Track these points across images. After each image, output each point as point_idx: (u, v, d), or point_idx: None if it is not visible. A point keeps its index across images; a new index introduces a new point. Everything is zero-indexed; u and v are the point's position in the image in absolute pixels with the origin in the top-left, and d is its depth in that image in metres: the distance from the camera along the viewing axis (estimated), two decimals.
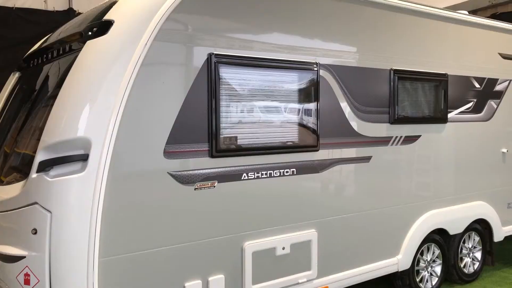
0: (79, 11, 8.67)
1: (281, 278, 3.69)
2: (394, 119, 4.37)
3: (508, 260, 6.09)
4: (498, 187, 5.55)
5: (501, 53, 5.50)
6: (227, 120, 3.35)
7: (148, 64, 2.99)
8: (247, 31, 3.46)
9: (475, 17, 5.42)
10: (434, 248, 4.90)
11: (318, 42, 3.85)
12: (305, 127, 3.80)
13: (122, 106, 2.89)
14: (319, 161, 3.91)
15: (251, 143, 3.49)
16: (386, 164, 4.39)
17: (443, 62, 4.84)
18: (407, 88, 4.49)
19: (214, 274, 3.36)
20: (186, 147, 3.16)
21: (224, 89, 3.32)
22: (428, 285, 4.87)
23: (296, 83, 3.72)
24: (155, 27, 2.99)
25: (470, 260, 5.36)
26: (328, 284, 3.96)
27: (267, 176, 3.60)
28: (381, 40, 4.30)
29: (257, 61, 3.47)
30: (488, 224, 5.42)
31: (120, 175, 2.92)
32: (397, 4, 4.40)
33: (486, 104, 5.33)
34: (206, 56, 3.23)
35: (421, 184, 4.74)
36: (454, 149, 5.02)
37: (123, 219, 2.96)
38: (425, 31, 4.68)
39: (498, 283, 5.32)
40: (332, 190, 4.04)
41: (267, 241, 3.60)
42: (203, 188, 3.25)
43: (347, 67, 4.04)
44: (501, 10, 9.84)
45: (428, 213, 4.74)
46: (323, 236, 3.94)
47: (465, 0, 9.99)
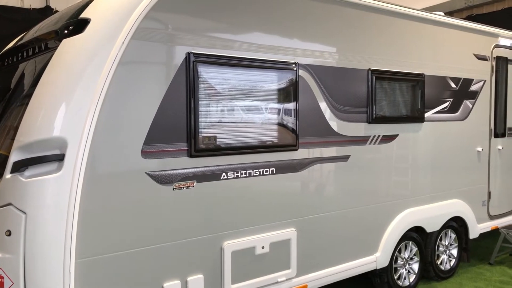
0: (57, 9, 8.54)
1: (261, 277, 3.70)
2: (372, 118, 4.42)
3: (483, 256, 6.22)
4: (474, 185, 5.67)
5: (476, 54, 5.61)
6: (206, 119, 3.34)
7: (125, 63, 2.96)
8: (226, 30, 3.45)
9: (451, 19, 5.53)
10: (412, 245, 4.98)
11: (296, 42, 3.87)
12: (284, 127, 3.82)
13: (98, 105, 2.86)
14: (298, 160, 3.93)
15: (230, 143, 3.49)
16: (364, 163, 4.44)
17: (420, 62, 4.91)
18: (384, 88, 4.54)
19: (193, 274, 3.35)
20: (164, 146, 3.14)
21: (203, 88, 3.31)
22: (406, 282, 4.95)
23: (275, 83, 3.74)
24: (132, 26, 2.96)
25: (446, 257, 5.46)
26: (307, 282, 3.99)
27: (246, 175, 3.60)
28: (359, 40, 4.35)
29: (236, 60, 3.47)
30: (464, 221, 5.53)
31: (97, 175, 2.89)
32: (375, 5, 4.45)
33: (462, 104, 5.43)
34: (185, 55, 3.22)
35: (399, 182, 4.80)
36: (431, 148, 5.10)
37: (100, 220, 2.92)
38: (402, 32, 4.75)
39: (473, 279, 5.43)
40: (311, 189, 4.06)
41: (247, 240, 3.61)
42: (181, 188, 3.24)
43: (325, 67, 4.07)
44: (476, 12, 10.05)
45: (406, 211, 4.82)
46: (302, 235, 3.96)
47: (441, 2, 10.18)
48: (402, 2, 4.87)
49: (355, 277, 4.52)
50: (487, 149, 5.83)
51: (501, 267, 5.86)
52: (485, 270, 5.73)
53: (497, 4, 9.65)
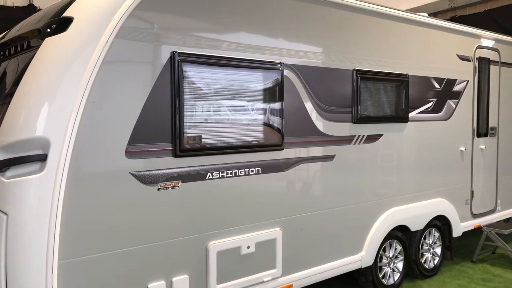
0: (40, 7, 8.43)
1: (246, 277, 3.69)
2: (357, 118, 4.45)
3: (466, 254, 6.30)
4: (457, 184, 5.74)
5: (459, 55, 5.68)
6: (191, 119, 3.32)
7: (109, 62, 2.94)
8: (211, 30, 3.44)
9: (435, 20, 5.59)
10: (396, 244, 5.03)
11: (282, 42, 3.87)
12: (270, 127, 3.82)
13: (82, 105, 2.83)
14: (284, 160, 3.94)
15: (215, 143, 3.48)
16: (349, 163, 4.47)
17: (404, 62, 4.96)
18: (369, 88, 4.58)
19: (178, 275, 3.33)
20: (149, 146, 3.12)
21: (188, 88, 3.30)
22: (391, 281, 4.99)
23: (260, 83, 3.74)
24: (116, 25, 2.94)
25: (430, 255, 5.52)
26: (292, 282, 4.00)
27: (232, 175, 3.60)
28: (344, 40, 4.37)
29: (221, 60, 3.46)
30: (447, 220, 5.60)
31: (80, 175, 2.86)
32: (360, 5, 4.48)
33: (445, 104, 5.50)
34: (169, 55, 3.20)
35: (383, 182, 4.84)
36: (415, 147, 5.15)
37: (84, 220, 2.89)
38: (387, 33, 4.79)
39: (457, 277, 5.50)
40: (296, 189, 4.08)
41: (232, 240, 3.61)
42: (166, 188, 3.22)
43: (311, 67, 4.09)
44: (460, 13, 10.18)
45: (390, 211, 4.86)
46: (288, 235, 3.97)
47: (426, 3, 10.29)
48: (387, 3, 4.91)
49: (340, 276, 4.55)
50: (470, 148, 5.91)
51: (484, 265, 5.94)
52: (468, 268, 5.81)
53: (479, 6, 9.80)
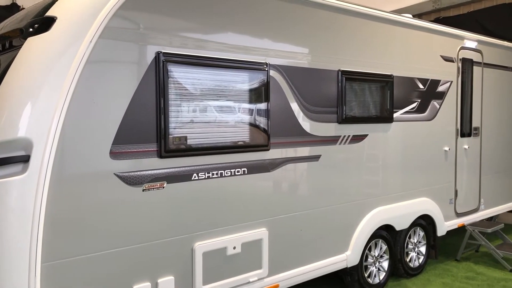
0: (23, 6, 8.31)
1: (232, 278, 3.69)
2: (342, 119, 4.48)
3: (450, 253, 6.38)
4: (441, 184, 5.81)
5: (443, 56, 5.75)
6: (177, 119, 3.31)
7: (93, 62, 2.91)
8: (196, 30, 3.43)
9: (420, 21, 5.64)
10: (382, 243, 5.07)
11: (268, 43, 3.88)
12: (256, 127, 3.82)
13: (65, 105, 2.80)
14: (270, 160, 3.95)
15: (201, 143, 3.47)
16: (335, 163, 4.49)
17: (389, 63, 5.00)
18: (354, 88, 4.61)
19: (164, 276, 3.32)
20: (134, 147, 3.10)
21: (173, 88, 3.29)
22: (376, 280, 5.03)
23: (246, 83, 3.74)
24: (100, 25, 2.91)
25: (415, 254, 5.57)
26: (278, 282, 4.01)
27: (217, 176, 3.59)
28: (329, 41, 4.39)
29: (207, 60, 3.46)
30: (432, 219, 5.66)
31: (64, 176, 2.83)
32: (345, 6, 4.50)
33: (429, 104, 5.56)
34: (154, 55, 3.18)
35: (369, 181, 4.88)
36: (400, 147, 5.20)
37: (68, 222, 2.86)
38: (372, 34, 4.82)
39: (441, 276, 5.57)
40: (282, 189, 4.08)
41: (218, 241, 3.60)
42: (151, 189, 3.20)
43: (296, 67, 4.10)
44: (444, 14, 10.29)
45: (375, 210, 4.90)
46: (274, 235, 3.98)
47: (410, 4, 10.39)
48: (371, 5, 4.95)
49: (326, 276, 4.57)
50: (454, 148, 5.99)
51: (467, 263, 6.02)
52: (452, 267, 5.88)
53: (463, 8, 9.92)
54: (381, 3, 8.79)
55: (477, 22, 9.34)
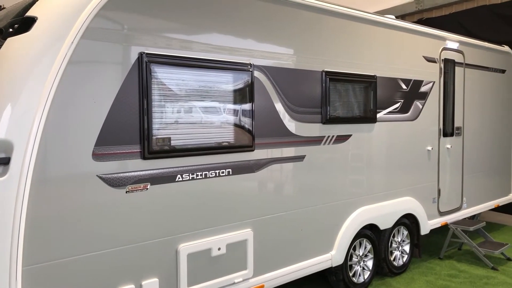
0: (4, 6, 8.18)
1: (217, 279, 3.68)
2: (326, 119, 4.50)
3: (434, 252, 6.46)
4: (424, 183, 5.88)
5: (425, 56, 5.82)
6: (160, 120, 3.29)
7: (75, 63, 2.88)
8: (180, 31, 3.42)
9: (402, 22, 5.70)
10: (366, 243, 5.10)
11: (251, 43, 3.88)
12: (241, 128, 3.82)
13: (47, 106, 2.77)
14: (255, 161, 3.95)
15: (185, 144, 3.46)
16: (319, 163, 4.51)
17: (372, 64, 5.05)
18: (338, 89, 4.63)
19: (148, 278, 3.30)
20: (117, 148, 3.07)
21: (156, 89, 3.27)
22: (361, 279, 5.06)
23: (230, 84, 3.73)
24: (82, 25, 2.88)
25: (399, 253, 5.63)
26: (264, 282, 4.01)
27: (202, 177, 3.58)
28: (313, 42, 4.41)
29: (190, 61, 3.44)
30: (415, 218, 5.72)
31: (45, 179, 2.79)
32: (329, 7, 4.53)
33: (412, 105, 5.62)
34: (137, 55, 3.16)
35: (353, 181, 4.91)
36: (383, 147, 5.25)
37: (50, 225, 2.83)
38: (356, 34, 4.86)
39: (424, 274, 5.63)
40: (267, 189, 4.09)
41: (203, 242, 3.59)
42: (135, 191, 3.18)
43: (280, 68, 4.11)
44: (426, 15, 10.42)
45: (360, 210, 4.93)
46: (259, 235, 3.98)
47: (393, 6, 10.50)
48: (355, 6, 4.99)
49: (312, 276, 4.58)
50: (437, 148, 6.06)
51: (450, 261, 6.10)
52: (435, 265, 5.95)
53: (445, 9, 10.06)
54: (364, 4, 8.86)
55: (458, 23, 9.48)
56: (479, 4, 9.49)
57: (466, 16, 9.54)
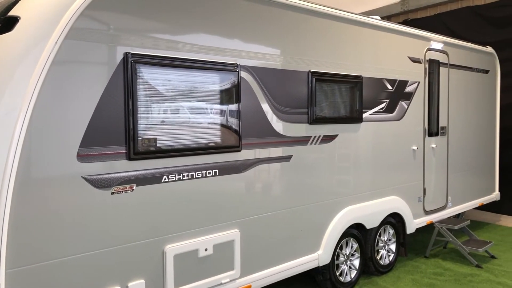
0: None
1: (204, 280, 3.67)
2: (313, 119, 4.52)
3: (420, 250, 6.52)
4: (410, 182, 5.93)
5: (411, 57, 5.87)
6: (146, 121, 3.27)
7: (59, 63, 2.85)
8: (165, 31, 3.40)
9: (388, 23, 5.75)
10: (353, 242, 5.13)
11: (238, 44, 3.88)
12: (227, 128, 3.82)
13: (30, 107, 2.73)
14: (242, 161, 3.95)
15: (171, 145, 3.44)
16: (306, 163, 4.53)
17: (358, 64, 5.08)
18: (324, 89, 4.66)
19: (134, 280, 3.27)
20: (102, 149, 3.05)
21: (142, 89, 3.25)
22: (348, 278, 5.09)
23: (217, 84, 3.73)
24: (66, 25, 2.85)
25: (385, 252, 5.67)
26: (251, 282, 4.01)
27: (188, 177, 3.57)
28: (299, 43, 4.43)
29: (176, 61, 3.43)
30: (401, 217, 5.77)
31: (29, 180, 2.75)
32: (315, 8, 4.55)
33: (397, 105, 5.67)
34: (122, 56, 3.14)
35: (339, 181, 4.93)
36: (369, 147, 5.28)
37: (34, 227, 2.79)
38: (341, 35, 4.88)
39: (410, 272, 5.68)
40: (254, 190, 4.09)
41: (189, 243, 3.58)
42: (120, 192, 3.16)
43: (267, 69, 4.12)
44: (412, 16, 10.53)
45: (346, 209, 4.96)
46: (246, 236, 3.98)
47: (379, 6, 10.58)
48: (341, 7, 5.01)
49: (299, 275, 4.60)
50: (422, 147, 6.12)
51: (436, 260, 6.16)
52: (421, 263, 6.01)
53: (430, 10, 10.17)
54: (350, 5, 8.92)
55: (443, 24, 9.59)
56: (463, 5, 9.61)
57: (450, 17, 9.66)
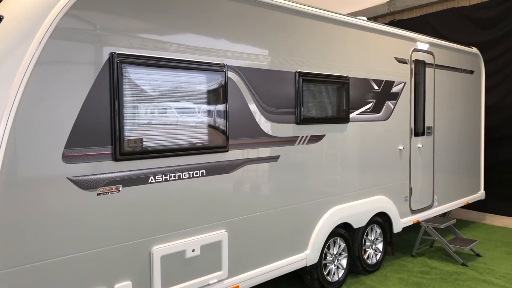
0: None
1: (192, 281, 3.66)
2: (300, 119, 4.53)
3: (406, 249, 6.57)
4: (396, 182, 5.98)
5: (397, 57, 5.92)
6: (132, 121, 3.25)
7: (44, 63, 2.82)
8: (152, 31, 3.38)
9: (374, 24, 5.78)
10: (340, 241, 5.16)
11: (225, 44, 3.87)
12: (215, 128, 3.81)
13: (14, 107, 2.70)
14: (229, 162, 3.94)
15: (158, 145, 3.43)
16: (294, 163, 4.54)
17: (345, 65, 5.10)
18: (311, 90, 4.67)
19: (121, 281, 3.25)
20: (87, 150, 3.02)
21: (128, 89, 3.22)
22: (335, 278, 5.11)
23: (204, 85, 3.72)
24: (51, 25, 2.82)
25: (372, 251, 5.71)
26: (238, 283, 4.01)
27: (175, 178, 3.56)
28: (287, 43, 4.43)
29: (163, 61, 3.41)
30: (388, 216, 5.81)
31: (13, 181, 2.72)
32: (302, 9, 4.56)
33: (384, 105, 5.71)
34: (108, 56, 3.11)
35: (326, 181, 4.95)
36: (356, 147, 5.31)
37: (18, 229, 2.75)
38: (328, 36, 4.90)
39: (397, 271, 5.72)
40: (242, 190, 4.09)
41: (177, 244, 3.56)
42: (106, 193, 3.13)
43: (254, 69, 4.12)
44: (398, 17, 10.61)
45: (334, 209, 4.98)
46: (234, 236, 3.98)
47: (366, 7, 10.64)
48: (328, 7, 5.04)
49: (286, 275, 4.60)
50: (408, 147, 6.18)
51: (422, 259, 6.22)
52: (408, 262, 6.06)
53: (416, 11, 10.26)
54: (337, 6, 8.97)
55: (429, 25, 9.69)
56: (448, 6, 9.72)
57: (436, 18, 9.77)
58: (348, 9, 10.44)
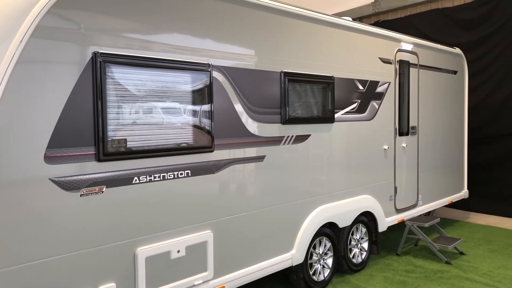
0: None
1: (177, 282, 3.64)
2: (286, 119, 4.54)
3: (391, 248, 6.62)
4: (381, 181, 6.02)
5: (381, 58, 5.96)
6: (116, 121, 3.22)
7: (25, 63, 2.77)
8: (136, 30, 3.35)
9: (359, 24, 5.82)
10: (326, 241, 5.17)
11: (210, 44, 3.85)
12: (200, 128, 3.79)
13: None
14: (214, 162, 3.93)
15: (142, 146, 3.40)
16: (279, 163, 4.54)
17: (330, 65, 5.12)
18: (297, 89, 4.68)
19: (105, 283, 3.21)
20: (70, 151, 2.98)
21: (111, 89, 3.19)
22: (321, 277, 5.13)
23: (189, 84, 3.70)
24: (32, 23, 2.78)
25: (358, 250, 5.74)
26: (224, 283, 3.99)
27: (160, 179, 3.53)
28: (272, 43, 4.43)
29: (147, 61, 3.38)
30: (373, 216, 5.85)
31: None
32: (288, 9, 4.56)
33: (369, 105, 5.74)
34: (91, 55, 3.08)
35: (312, 180, 4.96)
36: (341, 147, 5.34)
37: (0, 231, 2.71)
38: (314, 36, 4.91)
39: (383, 270, 5.76)
40: (227, 190, 4.07)
41: (161, 245, 3.53)
42: (90, 194, 3.09)
43: (240, 69, 4.11)
44: (383, 18, 10.69)
45: (319, 208, 5.00)
46: (219, 237, 3.96)
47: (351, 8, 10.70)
48: (313, 7, 5.05)
49: (272, 275, 4.60)
50: (393, 147, 6.22)
51: (407, 257, 6.27)
52: (393, 261, 6.11)
53: (400, 12, 10.35)
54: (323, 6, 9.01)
55: (413, 26, 9.78)
56: (432, 7, 9.82)
57: (420, 19, 9.86)
58: (333, 9, 10.50)
